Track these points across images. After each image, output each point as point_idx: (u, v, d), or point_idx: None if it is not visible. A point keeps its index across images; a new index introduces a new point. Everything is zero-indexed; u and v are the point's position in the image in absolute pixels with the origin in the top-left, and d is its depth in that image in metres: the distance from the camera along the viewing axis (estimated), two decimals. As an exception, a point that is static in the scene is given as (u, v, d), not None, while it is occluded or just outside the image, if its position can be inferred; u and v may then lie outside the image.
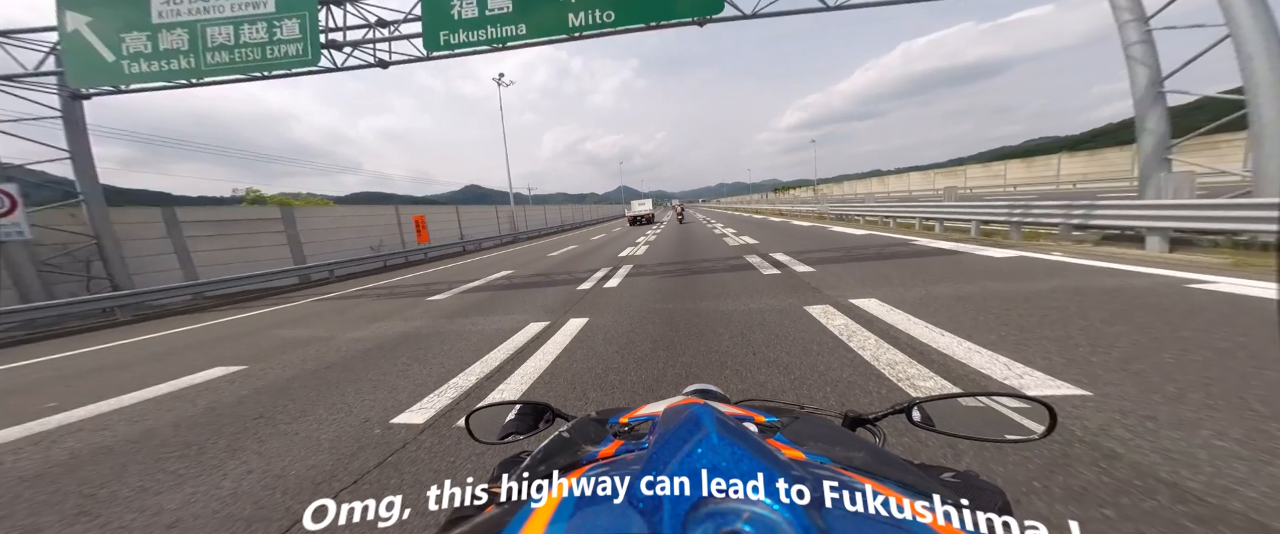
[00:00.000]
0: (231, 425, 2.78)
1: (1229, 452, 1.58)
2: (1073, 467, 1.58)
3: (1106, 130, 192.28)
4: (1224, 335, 2.60)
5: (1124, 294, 3.69)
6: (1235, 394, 1.95)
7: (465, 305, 6.46)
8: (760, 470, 0.31)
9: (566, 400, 2.72)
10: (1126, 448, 1.66)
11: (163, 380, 4.01)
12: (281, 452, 2.33)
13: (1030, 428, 0.63)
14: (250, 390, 3.46)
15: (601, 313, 4.89)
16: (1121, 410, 1.92)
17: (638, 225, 29.20)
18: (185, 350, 5.40)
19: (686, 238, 14.11)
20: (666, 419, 0.45)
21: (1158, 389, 2.06)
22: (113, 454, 2.55)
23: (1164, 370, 2.24)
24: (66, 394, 3.95)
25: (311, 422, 2.70)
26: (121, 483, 2.18)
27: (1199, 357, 2.37)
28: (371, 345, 4.55)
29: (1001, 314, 3.44)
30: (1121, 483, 1.49)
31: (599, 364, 3.22)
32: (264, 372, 3.98)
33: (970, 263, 5.73)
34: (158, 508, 1.93)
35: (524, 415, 0.86)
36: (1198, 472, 1.50)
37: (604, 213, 61.84)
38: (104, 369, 4.87)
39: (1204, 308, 3.17)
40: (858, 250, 7.76)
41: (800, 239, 10.53)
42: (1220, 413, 1.82)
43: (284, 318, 7.16)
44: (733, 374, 2.79)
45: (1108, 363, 2.41)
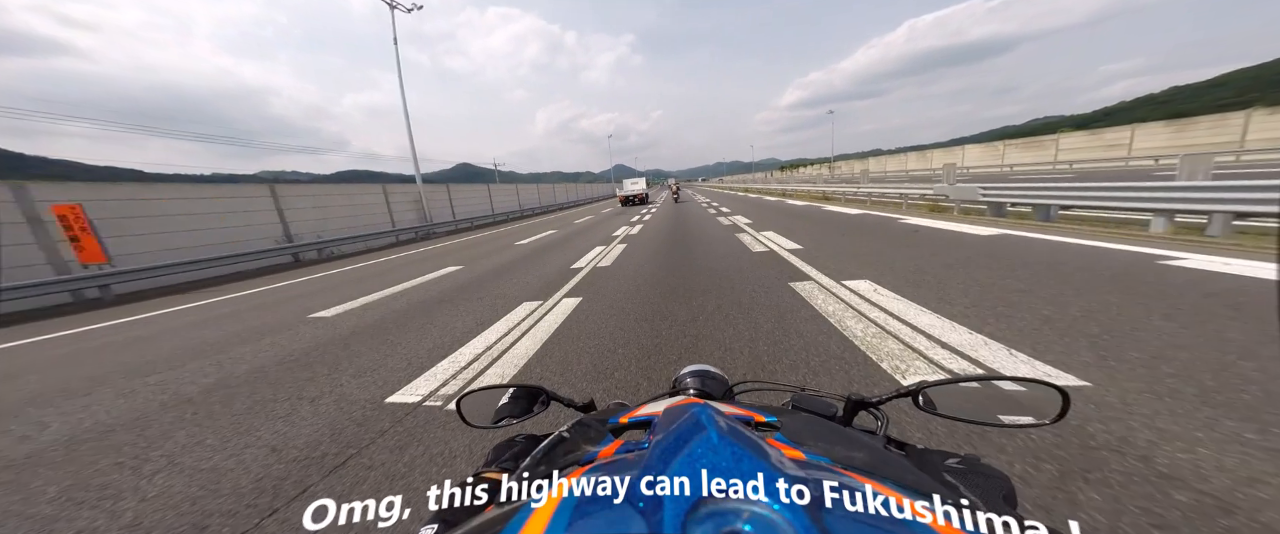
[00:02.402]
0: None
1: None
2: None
3: (1119, 109, 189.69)
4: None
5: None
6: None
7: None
8: (760, 470, 0.31)
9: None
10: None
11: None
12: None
13: (1040, 411, 0.63)
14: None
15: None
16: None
17: (630, 205, 28.16)
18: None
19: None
20: (666, 419, 0.46)
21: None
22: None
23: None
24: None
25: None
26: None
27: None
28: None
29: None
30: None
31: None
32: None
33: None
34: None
35: (517, 399, 0.86)
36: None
37: (593, 192, 59.27)
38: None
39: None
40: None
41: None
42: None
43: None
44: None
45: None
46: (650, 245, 8.94)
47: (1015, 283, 3.93)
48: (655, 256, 7.38)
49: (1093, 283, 3.73)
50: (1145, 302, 3.20)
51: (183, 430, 2.64)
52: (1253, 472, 1.51)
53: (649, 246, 8.76)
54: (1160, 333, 2.63)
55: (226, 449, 2.35)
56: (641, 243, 9.47)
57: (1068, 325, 2.87)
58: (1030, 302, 3.40)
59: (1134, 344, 2.52)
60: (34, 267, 9.17)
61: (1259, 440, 1.64)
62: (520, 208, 31.92)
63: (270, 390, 3.14)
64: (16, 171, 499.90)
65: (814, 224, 9.69)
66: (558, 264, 7.56)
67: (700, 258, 6.74)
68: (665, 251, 7.79)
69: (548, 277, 6.43)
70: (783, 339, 3.13)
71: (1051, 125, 50.55)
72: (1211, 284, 3.49)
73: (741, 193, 34.29)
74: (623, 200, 30.32)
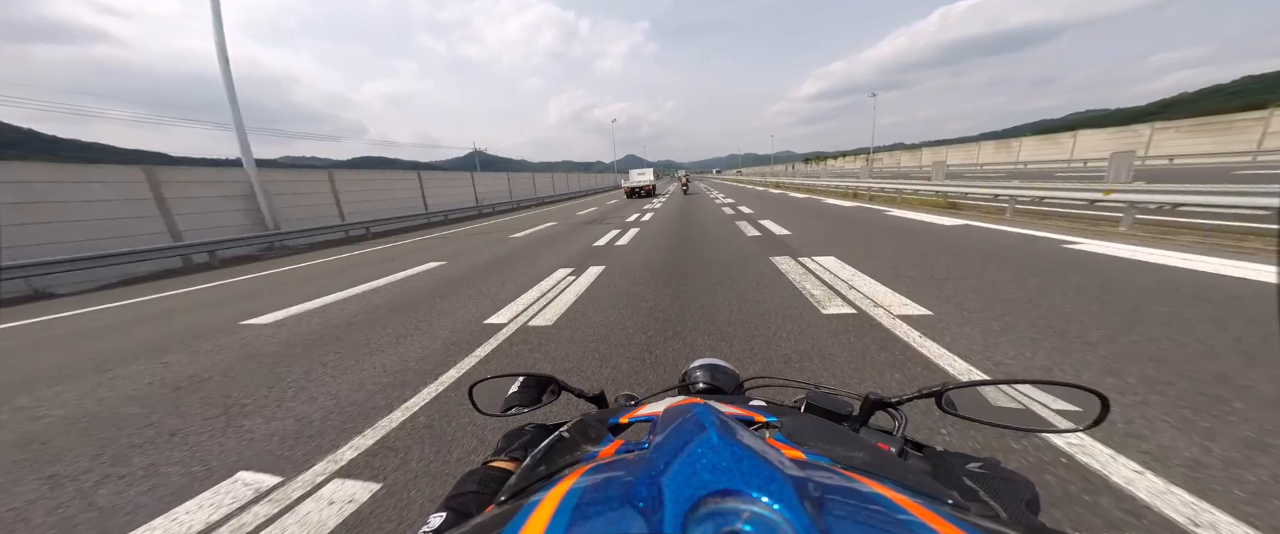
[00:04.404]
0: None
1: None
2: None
3: (1180, 101, 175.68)
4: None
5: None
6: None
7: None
8: (760, 470, 0.32)
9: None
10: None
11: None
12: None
13: (1075, 417, 0.61)
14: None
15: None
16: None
17: (636, 198, 28.20)
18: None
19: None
20: (667, 419, 0.47)
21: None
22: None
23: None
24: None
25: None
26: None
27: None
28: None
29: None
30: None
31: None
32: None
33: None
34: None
35: (527, 388, 0.88)
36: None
37: (598, 183, 57.20)
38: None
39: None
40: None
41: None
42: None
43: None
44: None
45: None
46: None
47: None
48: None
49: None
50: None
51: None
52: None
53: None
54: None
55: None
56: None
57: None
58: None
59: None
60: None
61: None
62: (510, 197, 30.94)
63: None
64: (48, 154, 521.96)
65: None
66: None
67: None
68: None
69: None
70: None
71: (1094, 119, 46.92)
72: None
73: (761, 187, 31.36)
74: (628, 192, 30.33)
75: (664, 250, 7.99)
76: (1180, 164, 22.06)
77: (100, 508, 2.06)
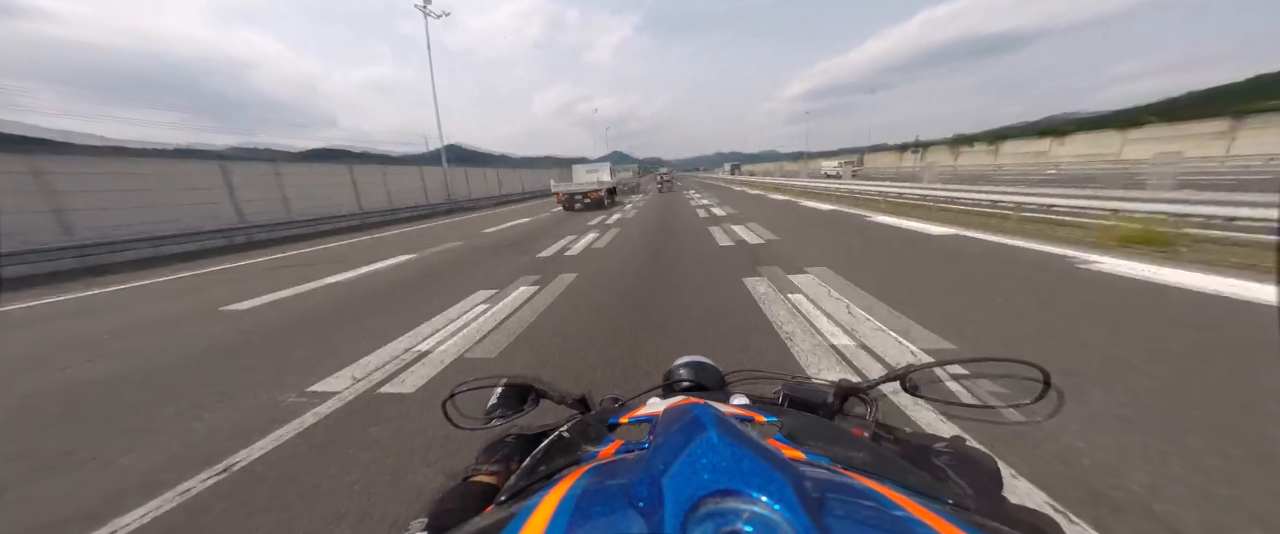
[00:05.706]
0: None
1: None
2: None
3: (1131, 111, 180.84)
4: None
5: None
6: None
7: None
8: (760, 470, 0.32)
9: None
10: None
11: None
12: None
13: (1021, 391, 0.64)
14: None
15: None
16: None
17: (575, 212, 17.38)
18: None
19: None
20: (666, 419, 0.47)
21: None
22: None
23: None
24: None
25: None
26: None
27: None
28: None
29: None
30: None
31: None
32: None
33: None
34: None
35: (508, 396, 0.84)
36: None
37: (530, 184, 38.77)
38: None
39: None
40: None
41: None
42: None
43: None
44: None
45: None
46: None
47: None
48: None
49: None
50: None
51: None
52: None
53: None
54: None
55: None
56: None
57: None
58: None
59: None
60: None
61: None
62: (388, 204, 22.38)
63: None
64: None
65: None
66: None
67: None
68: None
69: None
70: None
71: (1058, 127, 48.30)
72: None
73: (759, 192, 22.94)
74: (565, 203, 18.79)
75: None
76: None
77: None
